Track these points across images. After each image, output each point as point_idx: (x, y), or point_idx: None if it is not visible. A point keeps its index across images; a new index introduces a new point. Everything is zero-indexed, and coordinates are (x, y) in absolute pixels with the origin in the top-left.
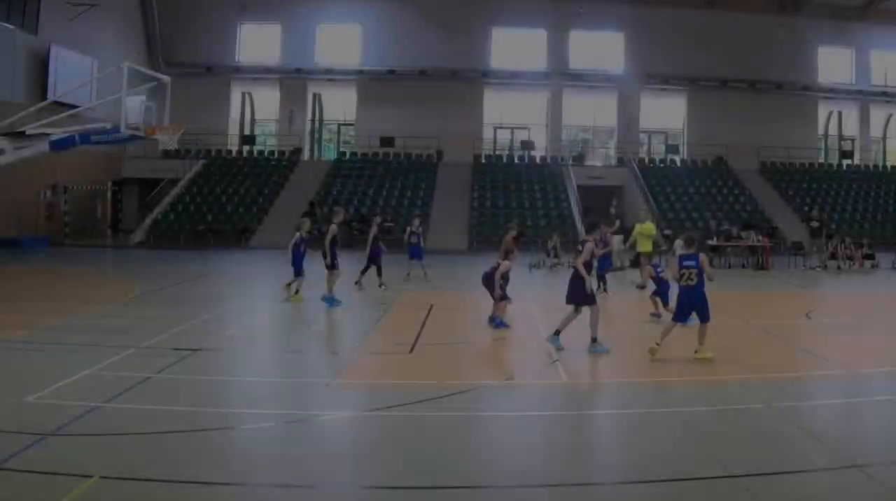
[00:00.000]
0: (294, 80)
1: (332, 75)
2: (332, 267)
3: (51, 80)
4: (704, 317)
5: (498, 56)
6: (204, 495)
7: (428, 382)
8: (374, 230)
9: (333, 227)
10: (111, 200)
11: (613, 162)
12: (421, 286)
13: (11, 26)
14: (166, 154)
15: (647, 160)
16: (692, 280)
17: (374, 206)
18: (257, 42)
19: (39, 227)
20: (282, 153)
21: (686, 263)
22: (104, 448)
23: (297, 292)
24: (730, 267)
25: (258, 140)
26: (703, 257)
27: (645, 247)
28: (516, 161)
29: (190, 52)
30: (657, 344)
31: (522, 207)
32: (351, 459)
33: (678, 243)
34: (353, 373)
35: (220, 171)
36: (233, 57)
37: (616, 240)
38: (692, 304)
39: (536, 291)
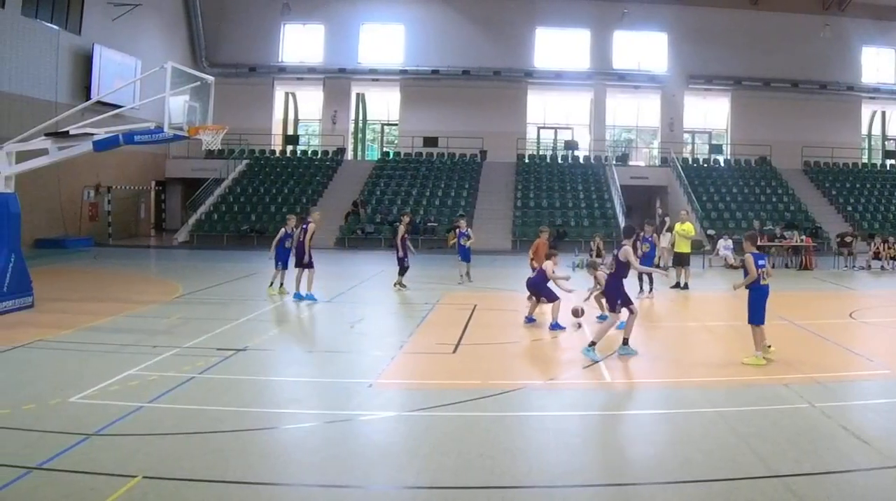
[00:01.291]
0: (337, 80)
1: (376, 75)
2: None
3: (94, 80)
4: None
5: (541, 56)
6: (247, 495)
7: (471, 382)
8: (402, 230)
9: (402, 228)
10: (155, 200)
11: (657, 162)
12: (465, 286)
13: (55, 27)
14: (210, 154)
15: (690, 160)
16: (766, 279)
17: (417, 207)
18: (301, 42)
19: (83, 228)
20: (325, 153)
21: (760, 263)
22: (148, 448)
23: (281, 285)
24: (773, 267)
25: (301, 140)
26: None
27: (683, 247)
28: (560, 161)
29: (233, 52)
30: (769, 346)
31: (566, 207)
32: (394, 459)
33: (721, 243)
34: (396, 373)
35: (264, 171)
36: (276, 57)
37: (665, 239)
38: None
39: (579, 291)
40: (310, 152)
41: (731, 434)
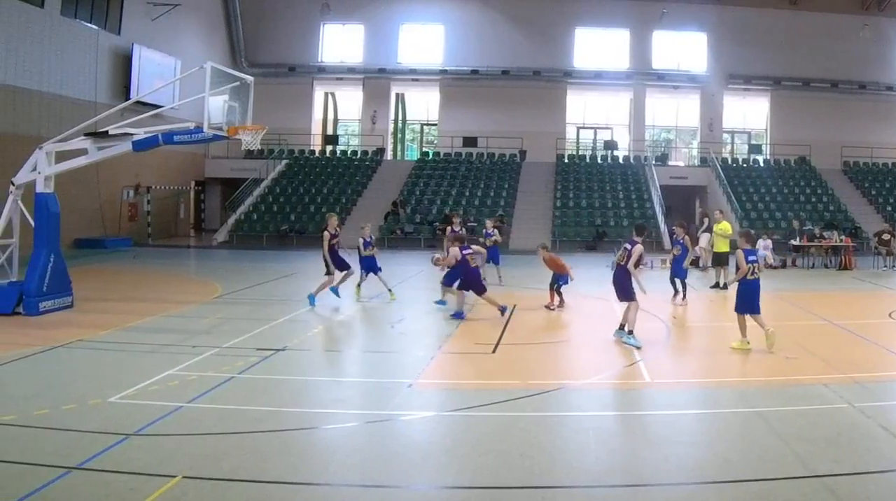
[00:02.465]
0: (377, 79)
1: (416, 75)
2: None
3: (133, 79)
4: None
5: (581, 56)
6: (287, 495)
7: (510, 382)
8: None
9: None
10: (194, 200)
11: (696, 162)
12: (505, 287)
13: (95, 27)
14: (249, 154)
15: (729, 160)
16: (755, 274)
17: (456, 206)
18: (340, 42)
19: (122, 228)
20: (365, 153)
21: (751, 258)
22: (187, 447)
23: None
24: (812, 266)
25: (341, 140)
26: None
27: (723, 246)
28: (599, 161)
29: (273, 51)
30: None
31: (605, 207)
32: (433, 459)
33: (760, 243)
34: (436, 373)
35: (303, 171)
36: (316, 57)
37: (704, 239)
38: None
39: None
40: (349, 152)
41: (770, 435)
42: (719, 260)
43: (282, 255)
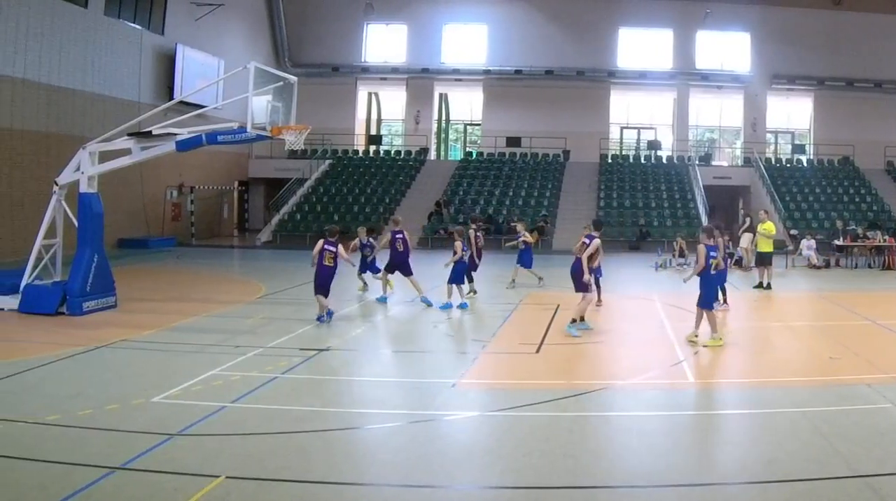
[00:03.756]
0: (420, 79)
1: (459, 75)
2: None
3: (177, 79)
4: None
5: (624, 56)
6: (331, 495)
7: (554, 382)
8: (471, 233)
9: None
10: (237, 200)
11: (740, 162)
12: (549, 286)
13: (138, 27)
14: (293, 154)
15: (773, 160)
16: (717, 270)
17: (500, 206)
18: (384, 42)
19: (166, 228)
20: (408, 153)
21: (713, 254)
22: (231, 447)
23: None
24: (856, 266)
25: (384, 140)
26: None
27: (766, 246)
28: (643, 161)
29: (316, 52)
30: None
31: (649, 207)
32: (477, 459)
33: (804, 243)
34: (479, 373)
35: (347, 171)
36: (359, 57)
37: (745, 239)
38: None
39: (663, 291)
40: (393, 152)
41: (815, 434)
42: (763, 260)
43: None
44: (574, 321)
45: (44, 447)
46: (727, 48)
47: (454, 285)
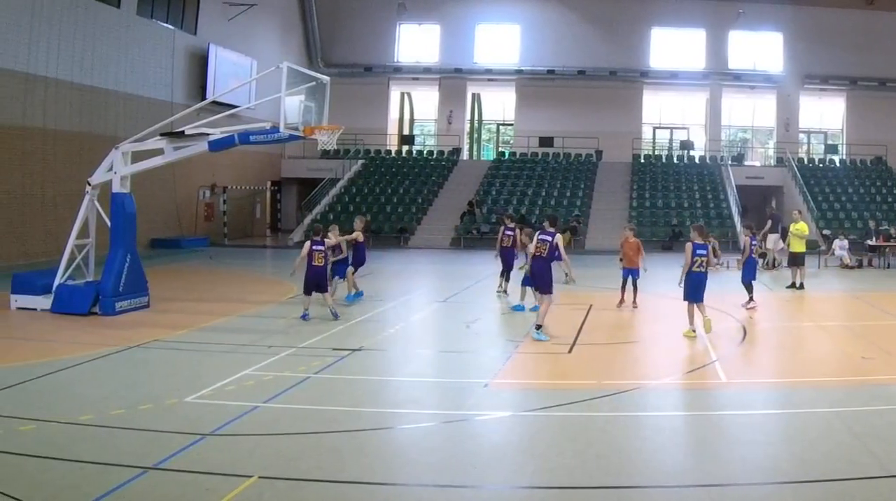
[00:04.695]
0: (453, 79)
1: (491, 75)
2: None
3: (209, 79)
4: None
5: (657, 56)
6: (364, 495)
7: (586, 382)
8: (502, 232)
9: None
10: (270, 200)
11: (772, 162)
12: (582, 286)
13: (171, 27)
14: (325, 154)
15: (805, 160)
16: (702, 267)
17: (532, 207)
18: (416, 42)
19: (199, 228)
20: (441, 153)
21: (699, 252)
22: (264, 448)
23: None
24: (888, 267)
25: (417, 140)
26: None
27: (798, 246)
28: (675, 161)
29: (349, 52)
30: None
31: (681, 207)
32: (510, 459)
33: (837, 243)
34: (512, 373)
35: (379, 171)
36: (392, 57)
37: (772, 240)
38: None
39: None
40: (425, 152)
41: (848, 435)
42: (795, 260)
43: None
44: (539, 327)
45: (77, 447)
46: (760, 48)
47: (525, 287)
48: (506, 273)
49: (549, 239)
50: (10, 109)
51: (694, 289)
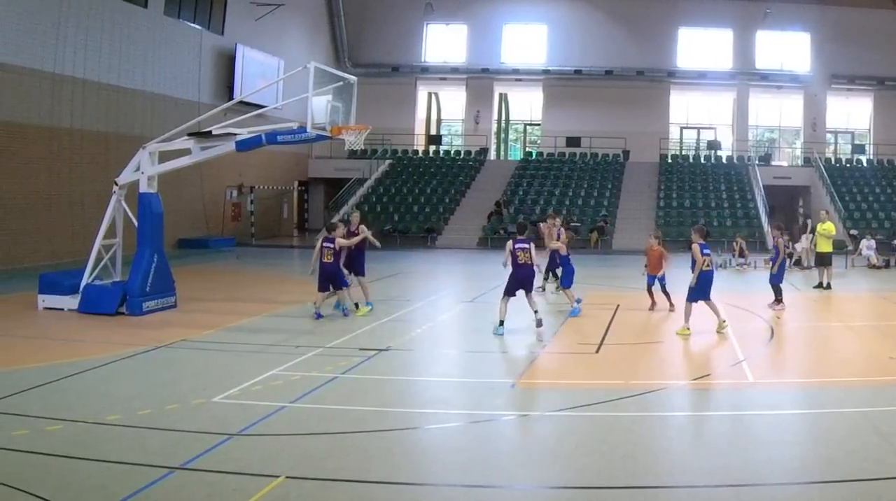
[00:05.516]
0: (480, 79)
1: (519, 75)
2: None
3: (237, 79)
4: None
5: (684, 55)
6: (391, 495)
7: (613, 382)
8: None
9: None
10: (297, 200)
11: (799, 162)
12: (609, 285)
13: (198, 27)
14: (353, 154)
15: (833, 160)
16: (709, 266)
17: (560, 207)
18: (444, 42)
19: (226, 228)
20: (468, 153)
21: (706, 252)
22: (291, 448)
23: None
24: None
25: (444, 140)
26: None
27: (825, 246)
28: (702, 161)
29: (376, 52)
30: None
31: (708, 207)
32: (537, 459)
33: (864, 243)
34: (539, 373)
35: (407, 171)
36: (419, 57)
37: (805, 240)
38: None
39: (722, 290)
40: (452, 152)
41: (874, 434)
42: (822, 261)
43: (385, 255)
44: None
45: (104, 447)
46: (787, 48)
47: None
48: (551, 272)
49: (528, 245)
50: (37, 109)
51: (700, 289)
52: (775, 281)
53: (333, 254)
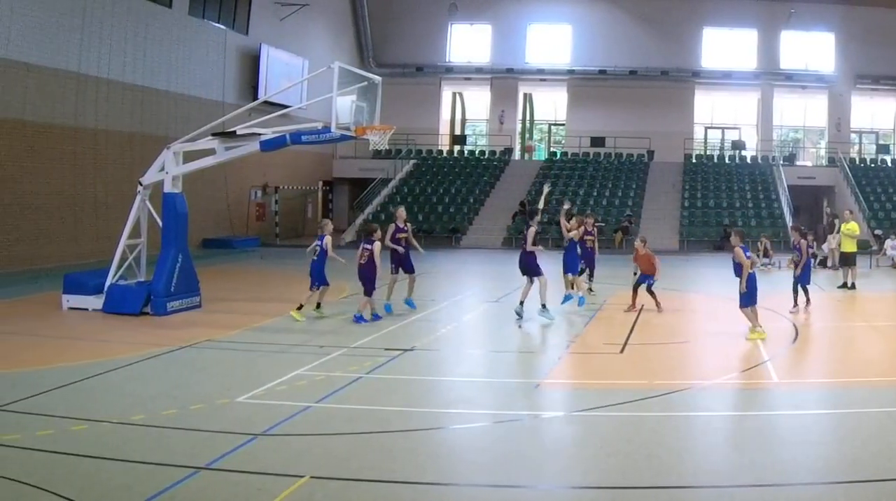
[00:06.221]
0: (505, 79)
1: (543, 75)
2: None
3: (261, 79)
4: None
5: (708, 56)
6: (416, 495)
7: (638, 382)
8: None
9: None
10: (322, 200)
11: (824, 162)
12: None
13: (223, 27)
14: (377, 154)
15: (857, 160)
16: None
17: (584, 206)
18: (468, 42)
19: (250, 228)
20: (492, 153)
21: (748, 254)
22: (315, 448)
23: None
24: None
25: (469, 140)
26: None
27: (850, 246)
28: (727, 161)
29: (400, 52)
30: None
31: (733, 207)
32: (561, 459)
33: (889, 243)
34: (563, 373)
35: (431, 171)
36: (443, 57)
37: (832, 240)
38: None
39: None
40: (477, 152)
41: None
42: (846, 260)
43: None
44: (543, 307)
45: (129, 447)
46: (811, 48)
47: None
48: (589, 271)
49: (525, 231)
50: (62, 110)
51: (752, 292)
52: (803, 283)
53: (368, 256)
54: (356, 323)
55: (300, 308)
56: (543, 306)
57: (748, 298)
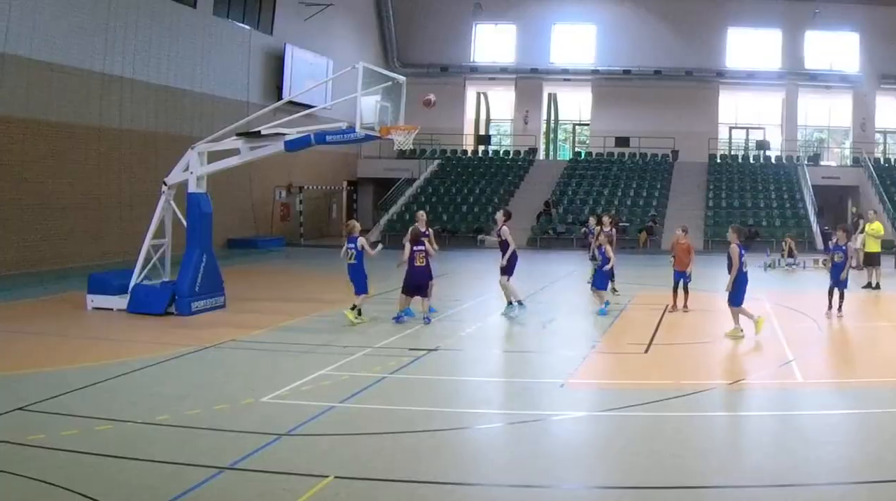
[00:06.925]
0: (529, 80)
1: (567, 75)
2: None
3: (286, 79)
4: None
5: (733, 56)
6: (439, 495)
7: (663, 382)
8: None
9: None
10: (346, 200)
11: (849, 162)
12: (656, 286)
13: (247, 27)
14: (401, 154)
15: (882, 160)
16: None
17: (609, 207)
18: (492, 42)
19: (275, 228)
20: (517, 153)
21: (743, 255)
22: (339, 447)
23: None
24: None
25: (493, 140)
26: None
27: (874, 246)
28: (751, 161)
29: (425, 52)
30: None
31: (757, 207)
32: (585, 459)
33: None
34: (588, 373)
35: (455, 171)
36: (468, 57)
37: (858, 241)
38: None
39: (771, 291)
40: (501, 152)
41: None
42: (870, 261)
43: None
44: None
45: (153, 447)
46: (836, 48)
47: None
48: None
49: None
50: (86, 110)
51: (743, 292)
52: (842, 287)
53: (425, 257)
54: (396, 322)
55: (354, 308)
56: (510, 303)
57: (735, 297)
